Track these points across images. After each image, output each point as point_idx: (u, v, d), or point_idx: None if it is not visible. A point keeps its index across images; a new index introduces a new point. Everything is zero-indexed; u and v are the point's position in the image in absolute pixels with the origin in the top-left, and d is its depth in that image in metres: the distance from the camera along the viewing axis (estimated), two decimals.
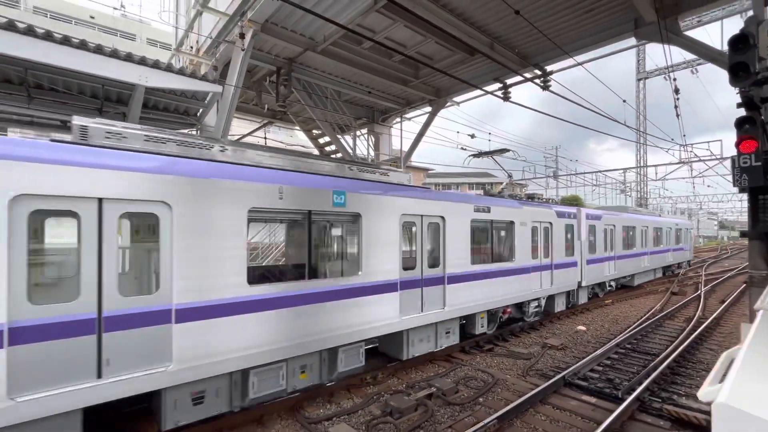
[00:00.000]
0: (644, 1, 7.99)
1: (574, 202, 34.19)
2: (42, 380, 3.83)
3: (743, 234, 4.49)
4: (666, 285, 18.68)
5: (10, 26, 5.78)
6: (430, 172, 50.69)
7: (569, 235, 12.17)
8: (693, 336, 9.35)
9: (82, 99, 7.94)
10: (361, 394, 6.60)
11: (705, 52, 8.61)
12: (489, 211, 9.11)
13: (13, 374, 3.67)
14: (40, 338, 3.84)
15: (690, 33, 8.75)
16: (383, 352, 7.92)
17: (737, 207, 50.79)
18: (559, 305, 12.04)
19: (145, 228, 5.21)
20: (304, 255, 5.98)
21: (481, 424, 5.24)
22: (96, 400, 4.09)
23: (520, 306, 10.55)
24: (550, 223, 11.21)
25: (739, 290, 16.37)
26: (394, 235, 7.03)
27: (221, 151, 5.52)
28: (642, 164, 36.16)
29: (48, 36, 6.04)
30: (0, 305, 3.62)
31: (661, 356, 8.08)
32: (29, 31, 5.88)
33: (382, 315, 6.81)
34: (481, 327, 9.20)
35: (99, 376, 4.12)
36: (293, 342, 5.66)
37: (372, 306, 6.67)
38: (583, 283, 13.01)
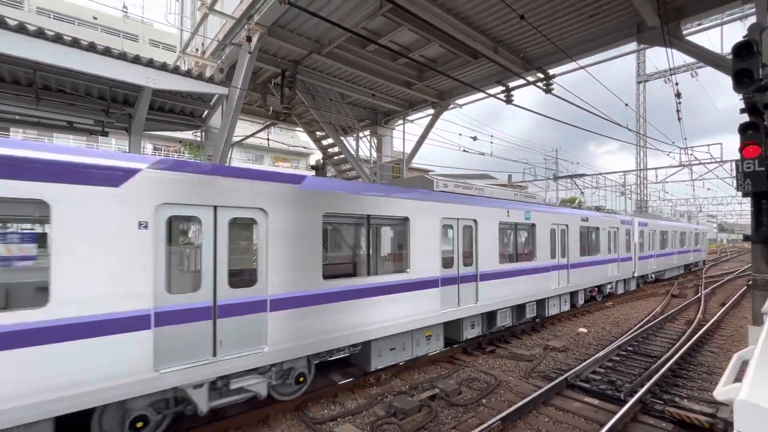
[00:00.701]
0: (647, 6, 8.06)
1: (574, 204, 34.23)
2: (448, 304, 8.15)
3: (746, 238, 4.55)
4: (666, 288, 18.72)
5: (21, 29, 5.83)
6: (430, 173, 50.86)
7: (627, 237, 16.06)
8: (694, 338, 9.39)
9: (89, 100, 8.01)
10: (365, 395, 6.65)
11: (707, 57, 8.67)
12: (587, 221, 13.20)
13: (442, 301, 7.98)
14: (447, 284, 8.17)
15: (690, 38, 8.81)
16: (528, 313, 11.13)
17: (737, 210, 50.85)
18: (620, 289, 16.11)
19: (466, 231, 8.78)
20: (513, 247, 10.21)
21: (485, 425, 5.28)
22: (458, 316, 8.38)
23: (599, 287, 14.42)
24: (617, 228, 15.14)
25: (739, 293, 16.42)
26: (548, 236, 11.19)
27: (478, 189, 9.73)
28: (642, 167, 36.23)
29: (58, 38, 6.09)
30: (437, 270, 7.89)
31: (662, 358, 8.13)
32: (40, 34, 5.94)
33: (545, 286, 11.00)
34: (581, 300, 13.27)
35: (458, 305, 8.40)
36: (510, 297, 9.76)
37: (541, 280, 10.84)
38: (636, 274, 16.98)
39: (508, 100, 11.80)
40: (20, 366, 3.73)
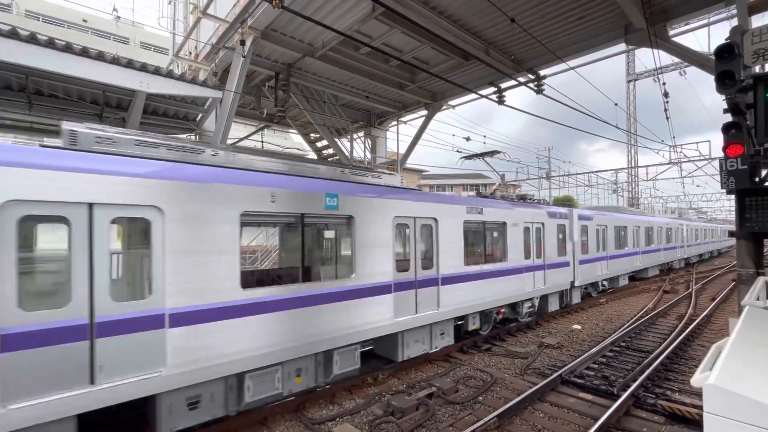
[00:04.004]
0: (634, 8, 8.22)
1: (567, 202, 34.57)
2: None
3: (731, 234, 4.69)
4: (658, 284, 18.99)
5: (13, 34, 5.82)
6: (424, 173, 50.96)
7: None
8: (685, 333, 9.57)
9: (82, 105, 7.98)
10: (362, 395, 6.70)
11: (692, 57, 8.87)
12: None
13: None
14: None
15: (679, 37, 9.02)
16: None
17: (726, 206, 51.55)
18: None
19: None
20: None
21: (482, 422, 5.36)
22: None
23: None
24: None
25: (728, 288, 16.72)
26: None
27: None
28: (633, 165, 36.68)
29: (51, 43, 6.08)
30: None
31: (654, 353, 8.28)
32: (32, 39, 5.93)
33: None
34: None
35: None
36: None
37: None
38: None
39: (500, 101, 11.94)
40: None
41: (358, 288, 6.58)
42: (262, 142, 16.28)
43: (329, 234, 8.21)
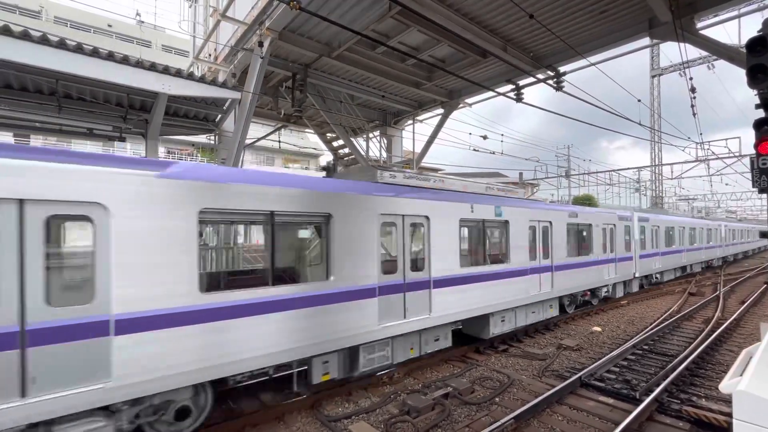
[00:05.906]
0: (659, 1, 7.95)
1: (587, 201, 33.74)
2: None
3: (763, 234, 4.49)
4: (683, 285, 18.38)
5: (44, 40, 6.06)
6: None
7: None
8: (712, 337, 9.23)
9: (107, 107, 8.25)
10: (378, 394, 6.72)
11: (722, 51, 8.52)
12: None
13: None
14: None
15: (707, 30, 8.68)
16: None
17: (757, 205, 49.45)
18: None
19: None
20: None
21: (498, 423, 5.31)
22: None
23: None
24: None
25: (759, 291, 16.03)
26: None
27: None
28: (657, 163, 35.51)
29: (79, 48, 6.31)
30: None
31: (679, 357, 8.02)
32: (61, 44, 6.16)
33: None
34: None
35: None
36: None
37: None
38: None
39: (519, 98, 11.74)
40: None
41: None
42: (279, 142, 16.47)
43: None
